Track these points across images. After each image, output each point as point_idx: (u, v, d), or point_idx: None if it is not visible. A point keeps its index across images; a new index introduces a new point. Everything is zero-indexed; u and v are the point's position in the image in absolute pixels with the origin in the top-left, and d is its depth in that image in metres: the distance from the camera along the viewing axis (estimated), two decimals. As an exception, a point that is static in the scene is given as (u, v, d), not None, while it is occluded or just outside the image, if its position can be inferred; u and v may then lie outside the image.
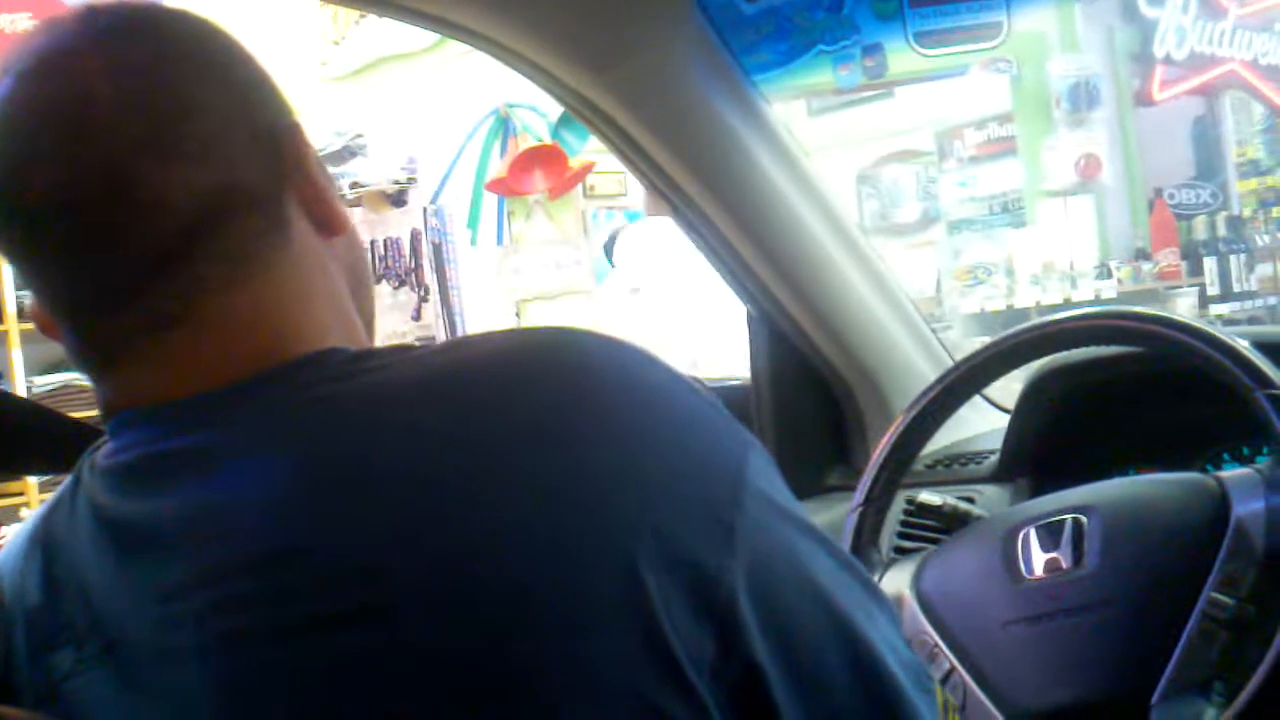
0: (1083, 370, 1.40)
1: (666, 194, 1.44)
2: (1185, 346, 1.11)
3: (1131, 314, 1.16)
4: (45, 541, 0.73)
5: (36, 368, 5.58)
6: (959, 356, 1.61)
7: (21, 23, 5.84)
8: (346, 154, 6.60)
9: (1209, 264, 7.19)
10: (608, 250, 6.35)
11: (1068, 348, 1.26)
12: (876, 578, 1.22)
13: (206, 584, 0.62)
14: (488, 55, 1.30)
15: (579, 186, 6.70)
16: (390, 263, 6.79)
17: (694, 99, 1.35)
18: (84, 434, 0.92)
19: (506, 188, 6.30)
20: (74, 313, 0.72)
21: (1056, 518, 1.11)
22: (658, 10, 1.29)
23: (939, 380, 1.28)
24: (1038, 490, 1.38)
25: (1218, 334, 1.10)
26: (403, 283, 6.81)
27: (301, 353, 0.70)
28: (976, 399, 1.51)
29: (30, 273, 0.73)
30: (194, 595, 0.62)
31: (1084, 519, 1.09)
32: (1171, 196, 7.81)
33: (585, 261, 6.71)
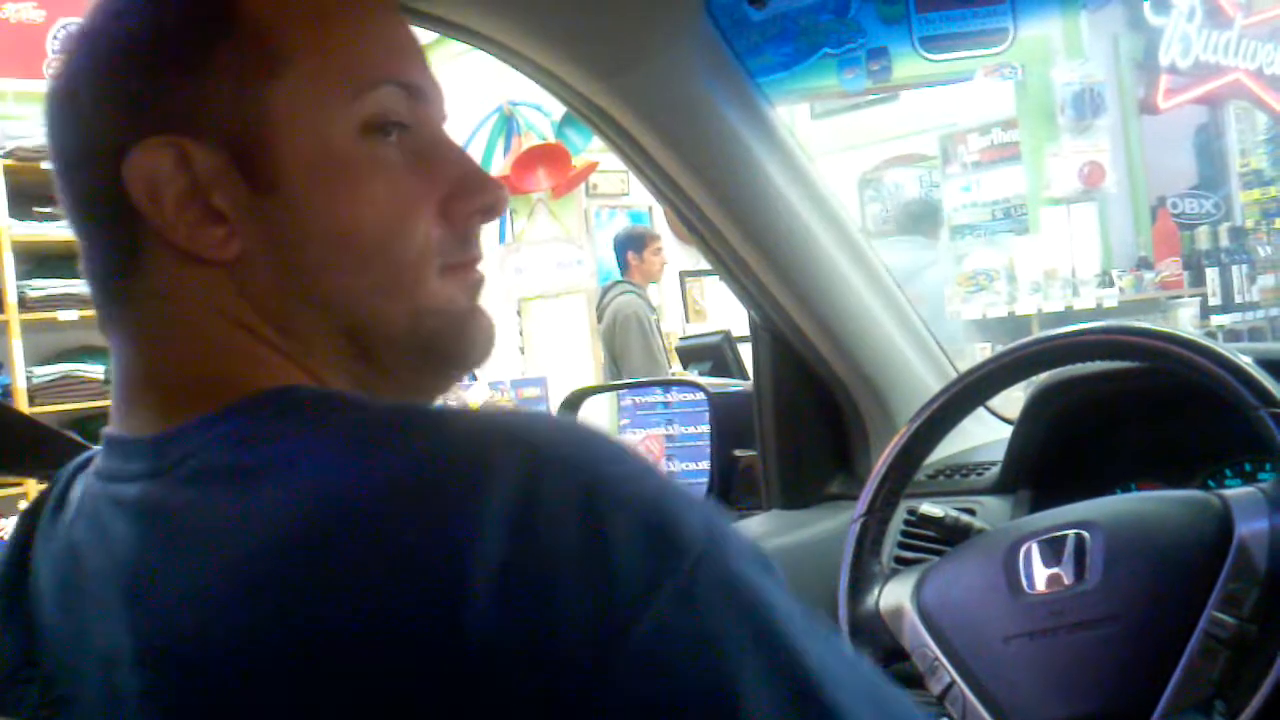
0: (1086, 384, 1.39)
1: (671, 198, 1.43)
2: (1189, 363, 1.11)
3: (1136, 330, 1.16)
4: (22, 560, 0.72)
5: (36, 358, 5.58)
6: (961, 364, 1.62)
7: (27, 12, 5.85)
8: (350, 149, 6.60)
9: (1211, 274, 7.20)
10: (617, 247, 6.33)
11: (1072, 362, 1.26)
12: (877, 590, 1.22)
13: (137, 662, 0.60)
14: (494, 57, 1.29)
15: (582, 185, 6.70)
16: (392, 259, 6.80)
17: (701, 105, 1.35)
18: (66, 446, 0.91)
19: (509, 186, 6.30)
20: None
21: (1059, 533, 1.11)
22: (666, 16, 1.28)
23: (943, 391, 1.28)
24: (1039, 503, 1.38)
25: (1222, 351, 1.10)
26: (404, 279, 6.81)
27: (245, 394, 0.65)
28: (978, 409, 1.50)
29: None
30: (128, 670, 0.60)
31: (1086, 535, 1.09)
32: (1174, 206, 7.82)
33: (587, 261, 6.71)
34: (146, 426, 0.67)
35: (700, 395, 1.77)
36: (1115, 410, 1.41)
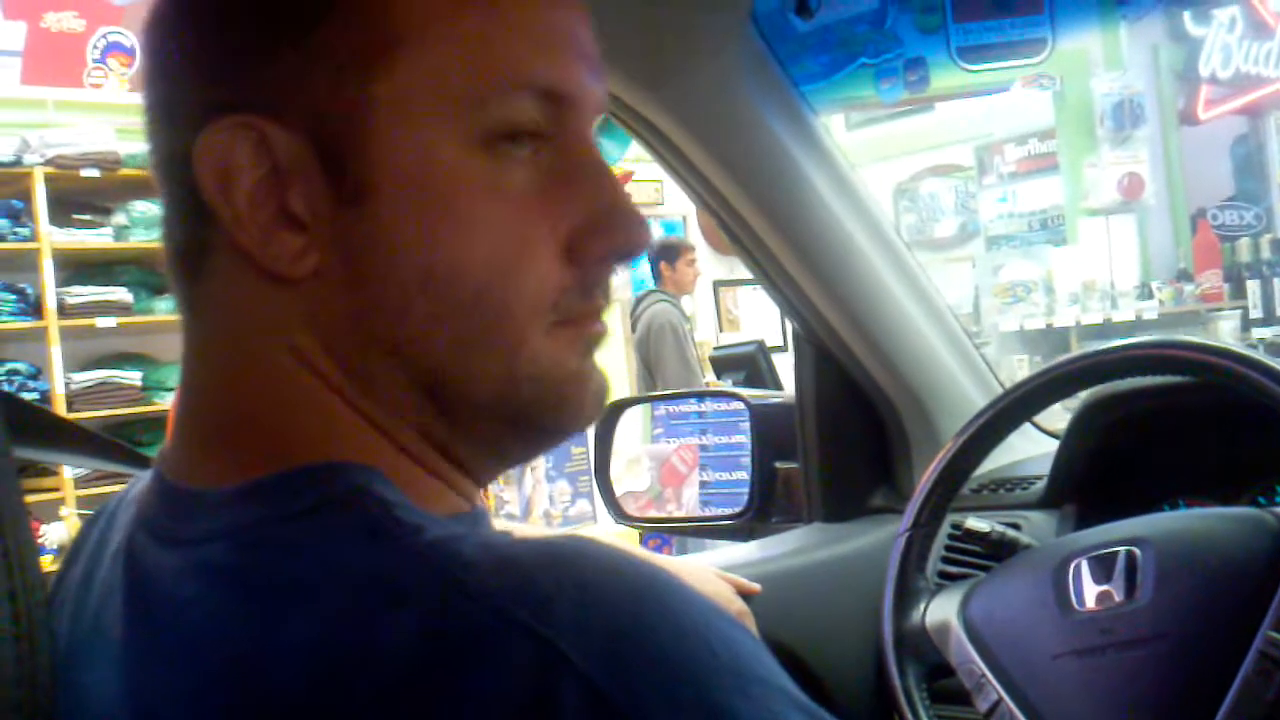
0: (1132, 399, 1.38)
1: (714, 208, 1.43)
2: (1240, 377, 1.10)
3: (1189, 344, 1.14)
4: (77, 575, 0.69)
5: (75, 364, 5.63)
6: (999, 375, 1.60)
7: (68, 21, 5.91)
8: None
9: (1252, 287, 7.13)
10: (650, 256, 6.32)
11: (1121, 376, 1.24)
12: (922, 605, 1.21)
13: None
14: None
15: (617, 195, 6.69)
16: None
17: (746, 114, 1.34)
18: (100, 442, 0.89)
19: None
20: None
21: (1109, 549, 1.09)
22: (712, 26, 1.28)
23: (990, 406, 1.26)
24: (1084, 518, 1.36)
25: (1275, 366, 1.08)
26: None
27: (291, 455, 0.59)
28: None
29: None
30: None
31: (1137, 551, 1.08)
32: (1214, 217, 7.77)
33: (621, 270, 6.69)
34: (190, 462, 0.63)
35: (735, 405, 1.76)
36: (1162, 425, 1.39)
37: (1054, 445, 1.47)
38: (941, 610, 1.19)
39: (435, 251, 0.58)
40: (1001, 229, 8.66)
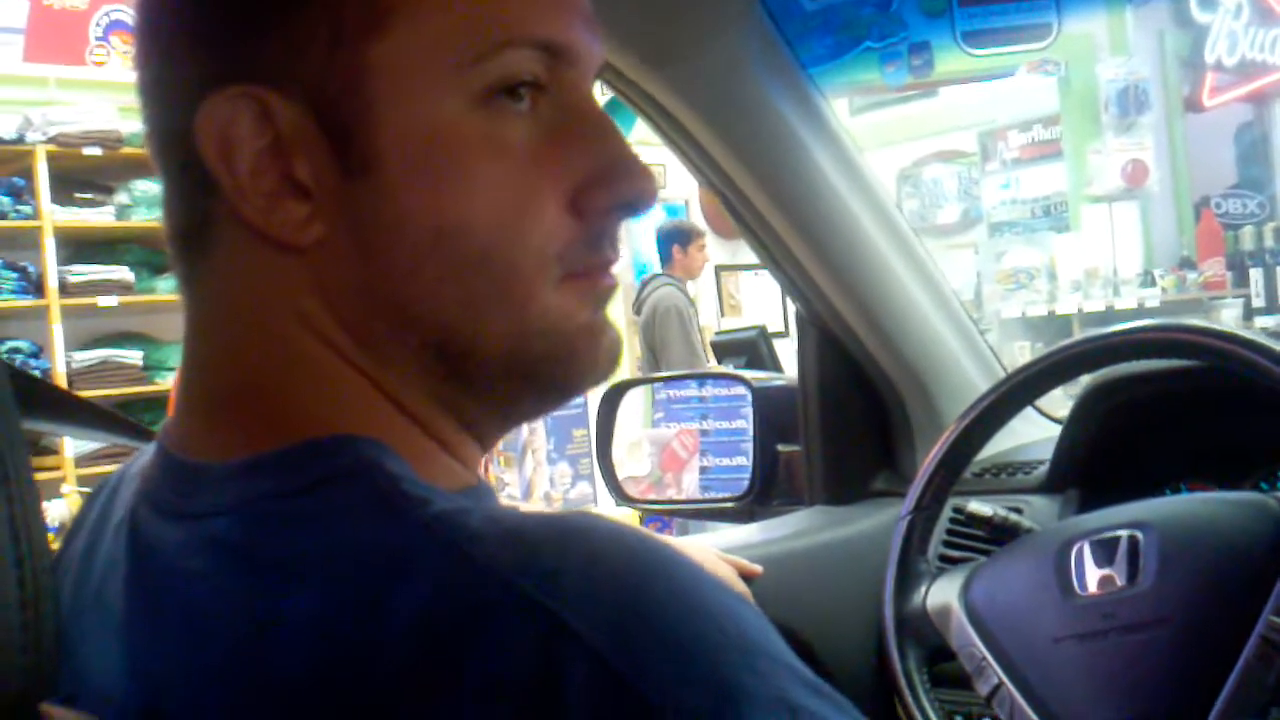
0: (1135, 383, 1.38)
1: (719, 188, 1.42)
2: (1244, 361, 1.09)
3: (1195, 328, 1.14)
4: (85, 548, 0.69)
5: (76, 343, 5.64)
6: (1004, 362, 1.60)
7: (70, -2, 5.90)
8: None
9: (1255, 275, 7.11)
10: (663, 239, 6.31)
11: (1124, 360, 1.24)
12: (924, 588, 1.21)
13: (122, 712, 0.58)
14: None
15: (619, 178, 6.68)
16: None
17: (753, 95, 1.34)
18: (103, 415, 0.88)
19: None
20: None
21: (1112, 533, 1.09)
22: (721, 5, 1.27)
23: (993, 390, 1.26)
24: (1087, 502, 1.36)
25: (1278, 349, 1.08)
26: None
27: (298, 427, 0.59)
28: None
29: None
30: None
31: (1140, 535, 1.08)
32: (1218, 206, 7.75)
33: (624, 253, 6.69)
34: (194, 436, 0.62)
35: (737, 389, 1.76)
36: (1165, 410, 1.39)
37: (1056, 430, 1.47)
38: (943, 593, 1.19)
39: (443, 214, 0.58)
40: (1004, 215, 8.65)
